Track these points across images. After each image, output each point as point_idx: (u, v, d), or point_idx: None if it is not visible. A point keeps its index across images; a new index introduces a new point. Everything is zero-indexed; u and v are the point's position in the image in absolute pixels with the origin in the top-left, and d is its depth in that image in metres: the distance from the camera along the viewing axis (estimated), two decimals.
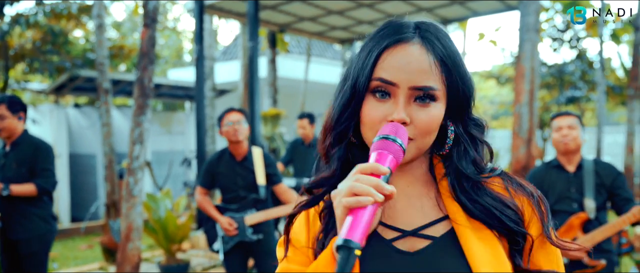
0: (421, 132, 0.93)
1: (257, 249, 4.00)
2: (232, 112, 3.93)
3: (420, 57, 0.92)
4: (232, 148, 4.01)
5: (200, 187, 4.08)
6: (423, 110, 0.93)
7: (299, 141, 6.13)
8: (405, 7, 8.86)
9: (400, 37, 0.94)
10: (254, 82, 7.34)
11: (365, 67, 0.95)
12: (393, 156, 0.86)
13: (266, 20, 9.00)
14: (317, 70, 13.75)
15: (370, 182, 0.80)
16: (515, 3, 8.37)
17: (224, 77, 13.30)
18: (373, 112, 0.94)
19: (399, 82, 0.92)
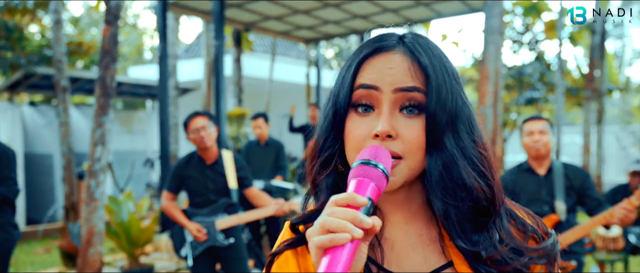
0: (411, 147, 0.83)
1: (226, 254, 3.91)
2: (198, 117, 3.81)
3: (402, 63, 0.85)
4: (202, 153, 3.91)
5: (168, 192, 3.95)
6: (411, 121, 0.84)
7: (253, 142, 6.04)
8: (371, 8, 8.87)
9: (381, 45, 0.88)
10: (219, 81, 7.22)
11: (345, 80, 0.88)
12: (374, 184, 0.76)
13: (231, 18, 8.88)
14: (282, 70, 13.67)
15: (346, 215, 0.69)
16: (479, 5, 8.48)
17: (186, 75, 13.06)
18: (356, 129, 0.85)
19: (381, 86, 0.84)
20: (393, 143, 0.82)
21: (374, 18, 9.50)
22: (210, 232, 3.80)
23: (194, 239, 3.80)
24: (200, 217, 3.85)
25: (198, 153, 3.93)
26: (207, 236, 3.78)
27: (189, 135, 3.83)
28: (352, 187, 0.76)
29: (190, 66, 13.60)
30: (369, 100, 0.85)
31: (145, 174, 11.03)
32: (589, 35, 11.78)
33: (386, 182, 0.78)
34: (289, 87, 14.66)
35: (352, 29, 10.29)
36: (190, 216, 3.88)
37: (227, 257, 3.92)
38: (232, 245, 3.87)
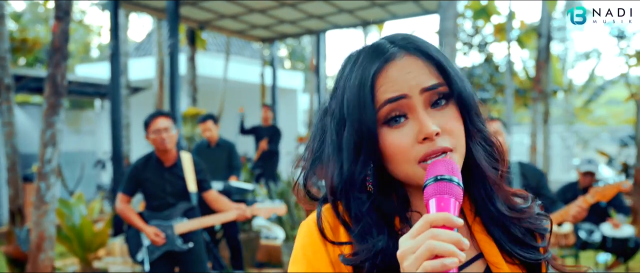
0: (457, 136, 0.84)
1: (185, 258, 3.79)
2: (161, 117, 3.67)
3: (414, 64, 0.84)
4: (160, 154, 3.78)
5: (123, 194, 3.80)
6: (443, 112, 0.84)
7: (204, 144, 5.90)
8: (327, 8, 8.90)
9: (385, 56, 0.86)
10: (174, 81, 7.08)
11: (364, 100, 0.84)
12: (455, 199, 0.74)
13: (186, 16, 8.71)
14: (236, 69, 13.52)
15: (451, 238, 0.68)
16: (434, 7, 8.65)
17: (137, 74, 12.73)
18: (397, 141, 0.83)
19: (408, 91, 0.83)
20: (442, 139, 0.83)
21: (330, 18, 9.54)
22: (169, 236, 3.68)
23: (151, 243, 3.69)
24: (158, 221, 3.73)
25: (156, 154, 3.79)
26: (165, 240, 3.67)
27: (149, 135, 3.67)
28: (434, 205, 0.74)
29: (141, 65, 13.27)
30: (399, 111, 0.84)
31: (96, 176, 10.68)
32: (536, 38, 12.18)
33: (462, 193, 0.77)
34: (243, 86, 14.52)
35: (308, 28, 10.30)
36: (147, 219, 3.75)
37: (186, 261, 3.80)
38: (191, 249, 3.76)
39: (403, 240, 0.71)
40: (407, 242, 0.70)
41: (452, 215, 0.71)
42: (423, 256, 0.67)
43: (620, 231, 4.94)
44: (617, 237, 4.95)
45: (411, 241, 0.70)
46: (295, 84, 15.98)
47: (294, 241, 5.19)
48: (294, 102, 15.96)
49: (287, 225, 5.38)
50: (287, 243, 5.35)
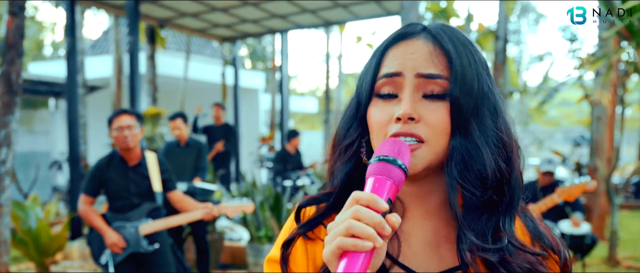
0: (434, 130, 0.81)
1: (151, 260, 3.70)
2: (124, 115, 3.59)
3: (424, 48, 0.84)
4: (123, 153, 3.70)
5: (86, 195, 3.69)
6: (434, 104, 0.82)
7: (173, 143, 5.80)
8: (290, 8, 8.86)
9: (404, 32, 0.88)
10: (134, 79, 6.92)
11: (368, 70, 0.89)
12: (393, 181, 0.74)
13: (146, 14, 8.52)
14: (196, 68, 13.32)
15: (373, 220, 0.67)
16: (396, 9, 8.73)
17: (93, 72, 12.38)
18: (378, 114, 0.85)
19: (404, 70, 0.83)
20: (416, 126, 0.81)
21: (293, 18, 9.51)
22: (134, 237, 3.59)
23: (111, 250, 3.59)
24: (122, 222, 3.63)
25: (119, 153, 3.71)
26: (124, 248, 3.56)
27: (111, 133, 3.60)
28: (370, 185, 0.74)
29: (98, 63, 12.91)
30: (391, 88, 0.85)
31: (51, 177, 10.33)
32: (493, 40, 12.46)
33: (404, 179, 0.76)
34: (204, 86, 14.32)
35: (270, 28, 10.23)
36: (110, 221, 3.65)
37: (152, 262, 3.71)
38: (157, 250, 3.68)
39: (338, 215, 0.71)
40: (338, 215, 0.70)
41: (379, 198, 0.70)
42: (340, 232, 0.68)
43: (578, 228, 5.11)
44: (575, 234, 5.11)
45: (340, 215, 0.70)
46: (257, 84, 15.86)
47: (258, 242, 5.20)
48: (255, 102, 15.85)
49: (252, 225, 5.33)
50: (252, 244, 5.31)
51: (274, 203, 5.41)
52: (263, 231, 5.29)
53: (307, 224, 0.89)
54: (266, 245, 5.22)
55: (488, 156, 0.82)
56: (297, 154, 7.95)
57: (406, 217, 0.89)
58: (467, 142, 0.81)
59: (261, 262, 5.23)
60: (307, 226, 0.89)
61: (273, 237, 5.33)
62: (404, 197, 0.89)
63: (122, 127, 3.55)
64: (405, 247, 0.86)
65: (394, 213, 0.71)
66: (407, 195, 0.89)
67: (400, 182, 0.75)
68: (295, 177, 7.26)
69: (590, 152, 7.91)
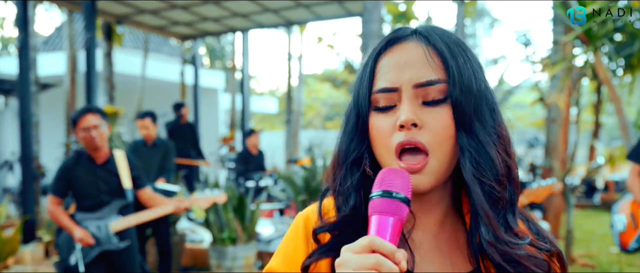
0: (438, 136, 0.80)
1: (119, 258, 3.65)
2: (90, 114, 3.50)
3: (416, 50, 0.83)
4: (91, 152, 3.62)
5: (54, 196, 3.61)
6: (435, 109, 0.81)
7: (140, 142, 5.66)
8: (251, 7, 8.78)
9: (395, 37, 0.87)
10: (91, 77, 6.70)
11: (363, 81, 0.87)
12: (399, 219, 0.74)
13: (103, 10, 8.29)
14: (154, 67, 13.03)
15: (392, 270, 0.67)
16: (358, 10, 8.77)
17: (46, 69, 11.95)
18: (380, 124, 0.84)
19: (400, 85, 0.82)
20: (419, 133, 0.80)
21: (254, 17, 9.42)
22: (105, 235, 3.55)
23: None
24: (92, 221, 3.57)
25: (87, 152, 3.64)
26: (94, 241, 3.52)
27: (77, 133, 3.50)
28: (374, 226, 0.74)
29: (50, 60, 12.47)
30: (390, 101, 0.83)
31: (2, 178, 9.90)
32: None
33: (407, 210, 0.75)
34: (162, 85, 14.04)
35: (231, 27, 10.12)
36: (79, 221, 3.58)
37: (120, 260, 3.67)
38: (126, 248, 3.65)
39: (345, 249, 0.70)
40: (348, 254, 0.69)
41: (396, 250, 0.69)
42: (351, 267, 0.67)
43: None
44: None
45: (353, 256, 0.69)
46: (216, 84, 15.66)
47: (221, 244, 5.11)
48: (214, 101, 15.64)
49: (215, 227, 5.23)
50: (215, 246, 5.21)
51: (237, 204, 5.33)
52: (226, 233, 5.20)
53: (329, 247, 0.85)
54: (229, 247, 5.14)
55: (495, 152, 0.82)
56: (259, 155, 7.87)
57: (416, 227, 0.88)
58: (474, 141, 0.81)
59: (224, 264, 5.14)
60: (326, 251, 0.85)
61: (236, 239, 5.25)
62: (414, 206, 0.88)
63: (88, 127, 3.47)
64: (417, 256, 0.86)
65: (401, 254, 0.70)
66: (417, 205, 0.88)
67: (405, 217, 0.75)
68: (258, 178, 7.18)
69: (545, 153, 8.13)
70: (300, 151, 14.66)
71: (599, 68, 4.64)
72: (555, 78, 7.26)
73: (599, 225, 9.17)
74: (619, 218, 3.77)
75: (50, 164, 11.46)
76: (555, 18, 7.61)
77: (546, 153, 8.05)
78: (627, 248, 3.71)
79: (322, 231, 0.87)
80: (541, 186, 3.28)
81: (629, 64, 5.83)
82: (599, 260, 6.58)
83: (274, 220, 6.64)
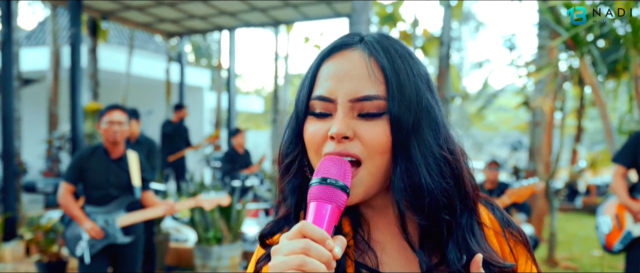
0: (370, 148, 0.79)
1: (124, 252, 3.76)
2: (116, 110, 3.72)
3: (359, 62, 0.82)
4: (108, 146, 3.77)
5: (67, 183, 3.71)
6: (370, 122, 0.80)
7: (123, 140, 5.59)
8: (239, 5, 8.74)
9: (341, 43, 0.86)
10: (76, 73, 6.62)
11: (304, 85, 0.87)
12: (336, 206, 0.74)
13: (88, 5, 8.18)
14: (139, 64, 12.89)
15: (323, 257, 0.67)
16: (346, 11, 8.77)
17: (28, 65, 11.76)
18: (313, 131, 0.84)
19: (337, 96, 0.81)
20: (350, 144, 0.80)
21: (242, 16, 9.38)
22: (111, 228, 3.64)
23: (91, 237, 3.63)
24: (101, 214, 3.67)
25: (104, 145, 3.79)
26: (104, 234, 3.61)
27: (101, 125, 3.70)
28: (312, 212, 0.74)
29: (33, 55, 12.28)
30: (324, 109, 0.83)
31: None
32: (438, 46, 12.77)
33: (346, 199, 0.76)
34: (147, 82, 13.91)
35: (218, 25, 10.06)
36: (88, 213, 3.67)
37: (123, 255, 3.79)
38: (131, 243, 3.76)
39: (282, 237, 0.70)
40: (283, 241, 0.70)
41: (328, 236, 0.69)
42: (291, 266, 0.66)
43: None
44: None
45: (286, 242, 0.69)
46: (202, 82, 15.55)
47: (207, 243, 5.09)
48: (200, 100, 15.53)
49: (200, 226, 5.19)
50: (200, 245, 5.16)
51: None
52: (211, 232, 5.16)
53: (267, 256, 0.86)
54: (214, 246, 5.10)
55: (429, 176, 0.80)
56: (246, 154, 7.82)
57: (375, 227, 0.88)
58: (408, 162, 0.80)
59: (209, 264, 5.10)
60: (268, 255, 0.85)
61: (222, 239, 5.21)
62: (364, 210, 0.88)
63: (113, 121, 3.66)
64: (382, 256, 0.85)
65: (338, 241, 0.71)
66: (367, 208, 0.88)
67: (343, 204, 0.75)
68: (243, 178, 7.14)
69: (528, 156, 8.21)
70: None
71: (585, 73, 4.69)
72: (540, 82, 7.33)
73: (580, 228, 9.29)
74: (603, 220, 3.82)
75: (32, 161, 11.30)
76: (540, 23, 7.69)
77: (530, 156, 8.13)
78: (612, 249, 3.76)
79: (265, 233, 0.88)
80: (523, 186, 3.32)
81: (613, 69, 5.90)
82: (581, 263, 6.65)
83: (260, 220, 6.61)
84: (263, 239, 0.88)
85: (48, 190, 7.57)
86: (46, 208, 8.14)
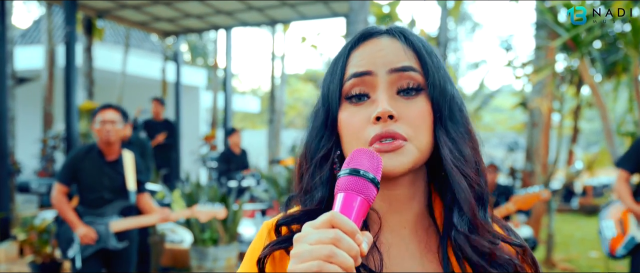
0: (416, 127, 0.79)
1: (116, 257, 3.67)
2: (110, 109, 3.61)
3: (392, 44, 0.83)
4: (103, 147, 3.66)
5: (60, 184, 3.61)
6: (411, 101, 0.80)
7: None
8: (236, 5, 8.69)
9: (369, 32, 0.85)
10: (70, 72, 6.55)
11: (335, 73, 0.84)
12: (365, 198, 0.70)
13: (83, 4, 8.11)
14: (135, 63, 12.81)
15: (353, 251, 0.63)
16: (344, 10, 8.73)
17: (23, 63, 11.68)
18: (352, 118, 0.81)
19: (375, 69, 0.81)
20: (396, 125, 0.78)
21: (238, 15, 9.33)
22: (104, 233, 3.54)
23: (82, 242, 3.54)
24: (93, 217, 3.57)
25: (99, 146, 3.67)
26: (96, 240, 3.52)
27: (94, 125, 3.61)
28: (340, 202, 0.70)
29: (28, 53, 12.19)
30: (362, 88, 0.81)
31: None
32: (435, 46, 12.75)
33: (376, 193, 0.72)
34: (143, 81, 13.83)
35: (215, 24, 10.00)
36: (81, 215, 3.59)
37: (117, 260, 3.69)
38: (125, 249, 3.67)
39: (306, 225, 0.67)
40: (308, 229, 0.66)
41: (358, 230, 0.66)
42: (319, 255, 0.62)
43: (519, 232, 5.23)
44: None
45: (312, 231, 0.65)
46: (198, 81, 15.48)
47: (203, 245, 5.04)
48: (196, 99, 15.46)
49: (196, 227, 5.14)
50: (196, 246, 5.11)
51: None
52: (208, 233, 5.11)
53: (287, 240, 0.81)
54: (210, 247, 5.05)
55: (469, 150, 0.82)
56: (242, 154, 7.77)
57: (386, 227, 0.85)
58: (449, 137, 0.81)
59: (205, 265, 5.05)
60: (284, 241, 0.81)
61: (218, 239, 5.16)
62: (379, 206, 0.85)
63: (105, 120, 3.55)
64: (386, 259, 0.82)
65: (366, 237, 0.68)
66: (385, 202, 0.85)
67: (373, 199, 0.72)
68: (240, 178, 7.09)
69: (525, 157, 8.18)
70: (282, 151, 14.58)
71: (585, 74, 4.66)
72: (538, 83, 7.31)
73: (577, 230, 9.28)
74: (607, 225, 3.79)
75: (26, 160, 11.21)
76: (538, 23, 7.67)
77: (527, 157, 8.10)
78: (615, 254, 3.73)
79: (284, 223, 0.84)
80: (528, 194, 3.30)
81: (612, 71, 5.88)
82: (579, 264, 6.63)
83: (256, 220, 6.56)
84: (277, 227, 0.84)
85: (42, 191, 7.49)
86: (40, 208, 8.07)
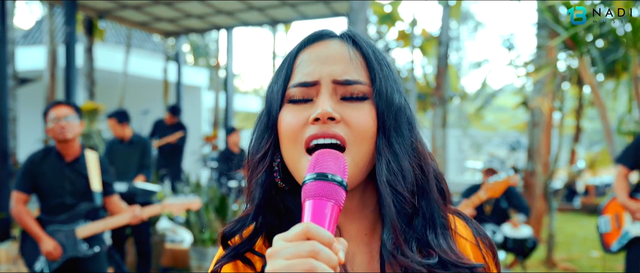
0: (357, 133, 0.76)
1: (87, 265, 3.44)
2: (59, 105, 3.37)
3: (341, 49, 0.80)
4: (60, 148, 3.42)
5: (18, 192, 3.39)
6: (354, 106, 0.77)
7: (116, 140, 5.51)
8: (237, 5, 8.69)
9: (320, 34, 0.84)
10: (71, 72, 6.57)
11: (279, 77, 0.82)
12: (336, 203, 0.67)
13: (84, 4, 8.13)
14: (137, 63, 12.83)
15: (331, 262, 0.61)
16: (344, 10, 8.72)
17: (25, 64, 11.70)
18: (291, 118, 0.79)
19: (320, 78, 0.78)
20: (337, 126, 0.76)
21: (239, 15, 9.33)
22: (71, 241, 3.34)
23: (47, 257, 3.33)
24: (58, 225, 3.36)
25: (57, 148, 3.44)
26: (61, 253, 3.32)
27: (47, 125, 3.35)
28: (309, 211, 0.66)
29: (30, 54, 12.22)
30: (307, 95, 0.79)
31: None
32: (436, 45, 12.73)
33: (344, 197, 0.69)
34: (145, 82, 13.85)
35: (216, 24, 10.02)
36: (44, 224, 3.37)
37: (88, 267, 3.46)
38: (95, 255, 3.45)
39: (277, 238, 0.64)
40: (281, 243, 0.63)
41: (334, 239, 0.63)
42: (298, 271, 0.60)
43: (519, 231, 5.23)
44: (517, 237, 5.23)
45: (286, 244, 0.62)
46: (200, 81, 15.49)
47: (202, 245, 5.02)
48: (198, 100, 15.47)
49: (196, 227, 5.15)
50: (196, 247, 5.12)
51: (219, 204, 5.25)
52: (207, 233, 5.12)
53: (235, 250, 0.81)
54: (210, 248, 5.06)
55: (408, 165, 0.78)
56: (241, 153, 7.77)
57: (346, 237, 0.83)
58: (391, 154, 0.78)
59: (205, 265, 5.06)
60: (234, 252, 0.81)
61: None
62: None
63: (59, 117, 3.31)
64: (350, 267, 0.81)
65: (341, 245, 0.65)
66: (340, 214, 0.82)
67: (341, 202, 0.68)
68: (240, 178, 7.10)
69: (527, 156, 8.17)
70: None
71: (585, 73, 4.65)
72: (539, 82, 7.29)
73: (579, 229, 9.25)
74: (603, 220, 3.84)
75: None
76: (539, 22, 7.65)
77: (529, 156, 8.09)
78: (610, 248, 3.76)
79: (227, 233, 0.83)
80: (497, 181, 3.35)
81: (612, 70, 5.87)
82: (580, 264, 6.62)
83: None
84: (225, 239, 0.83)
85: None
86: None
